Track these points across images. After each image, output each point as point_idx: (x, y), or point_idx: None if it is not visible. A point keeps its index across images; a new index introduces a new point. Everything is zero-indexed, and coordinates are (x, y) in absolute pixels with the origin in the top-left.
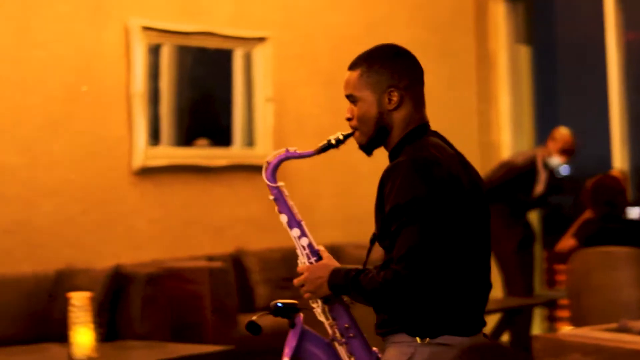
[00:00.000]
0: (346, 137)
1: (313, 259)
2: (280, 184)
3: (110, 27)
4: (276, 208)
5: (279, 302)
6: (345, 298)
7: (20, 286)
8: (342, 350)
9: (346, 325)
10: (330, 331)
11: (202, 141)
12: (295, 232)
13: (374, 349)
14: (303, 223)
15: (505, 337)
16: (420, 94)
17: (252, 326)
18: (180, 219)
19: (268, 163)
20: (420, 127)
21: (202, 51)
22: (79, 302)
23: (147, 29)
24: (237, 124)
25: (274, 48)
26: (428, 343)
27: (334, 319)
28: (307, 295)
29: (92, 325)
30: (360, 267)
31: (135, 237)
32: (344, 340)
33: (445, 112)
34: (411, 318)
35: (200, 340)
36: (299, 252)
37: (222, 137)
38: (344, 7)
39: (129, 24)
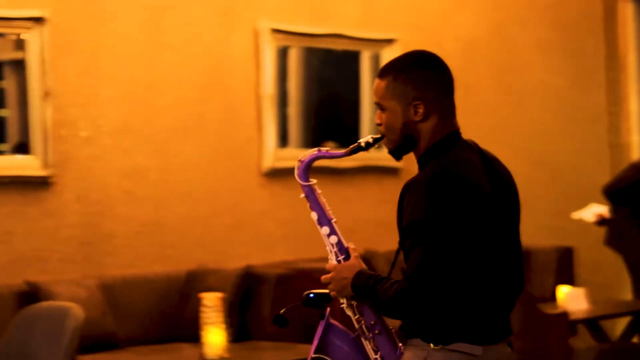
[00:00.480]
0: (375, 141)
1: (341, 257)
2: (312, 181)
3: (240, 30)
4: (307, 205)
5: (311, 293)
6: None
7: (152, 286)
8: (367, 345)
9: (372, 322)
10: (356, 326)
11: (330, 143)
12: (325, 230)
13: (400, 345)
14: (334, 221)
15: (635, 340)
16: (448, 105)
17: (279, 319)
18: (310, 220)
19: (300, 161)
20: (448, 137)
21: (329, 53)
22: (211, 302)
23: (276, 31)
24: (364, 125)
25: (401, 49)
26: (441, 349)
27: (360, 314)
28: (332, 293)
29: (223, 326)
30: (382, 275)
31: (264, 238)
32: (370, 335)
33: (573, 114)
34: (424, 325)
35: None
36: (328, 249)
37: (349, 138)
38: (471, 8)
39: (258, 26)
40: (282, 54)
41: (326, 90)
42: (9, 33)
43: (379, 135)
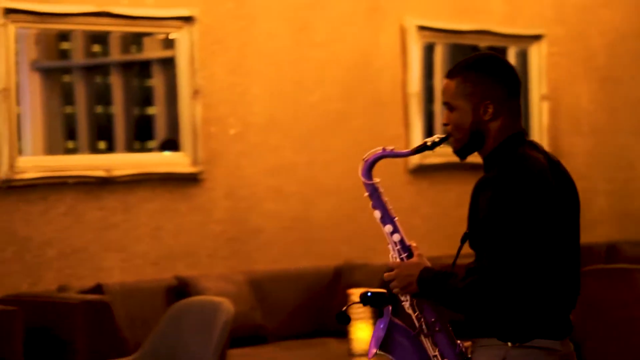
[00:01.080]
0: (441, 140)
1: (404, 255)
2: (376, 180)
3: (386, 27)
4: (370, 204)
5: (369, 292)
6: None
7: (300, 281)
8: (427, 343)
9: (432, 320)
10: (417, 324)
11: None
12: (388, 228)
13: (458, 342)
14: (396, 219)
15: None
16: (516, 106)
17: (341, 317)
18: (454, 217)
19: (365, 161)
20: (515, 136)
21: (475, 50)
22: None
23: (422, 28)
24: None
25: (548, 45)
26: (519, 346)
27: (421, 312)
28: (396, 290)
29: (371, 321)
30: (449, 270)
31: (410, 233)
32: (429, 332)
33: None
34: (500, 323)
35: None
36: (390, 247)
37: None
38: (618, 3)
39: (404, 23)
40: (428, 51)
41: None
42: (158, 32)
43: (444, 135)
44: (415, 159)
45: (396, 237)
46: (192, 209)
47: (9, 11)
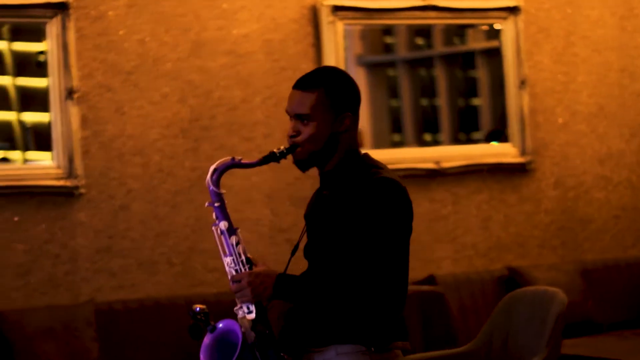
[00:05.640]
0: (288, 151)
1: (247, 266)
2: (222, 191)
3: None
4: (214, 214)
5: (196, 307)
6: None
7: (630, 271)
8: (258, 356)
9: (267, 332)
10: (251, 336)
11: None
12: (234, 239)
13: (283, 354)
14: (239, 231)
15: None
16: (358, 121)
17: (194, 329)
18: None
19: (214, 170)
20: (356, 151)
21: None
22: None
23: None
24: None
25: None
26: (381, 351)
27: (256, 324)
28: (245, 299)
29: None
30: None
31: None
32: (262, 346)
33: None
34: (363, 328)
35: None
36: (229, 260)
37: None
38: None
39: None
40: None
41: None
42: (482, 24)
43: (289, 145)
44: None
45: (240, 248)
46: (521, 200)
47: (337, 8)
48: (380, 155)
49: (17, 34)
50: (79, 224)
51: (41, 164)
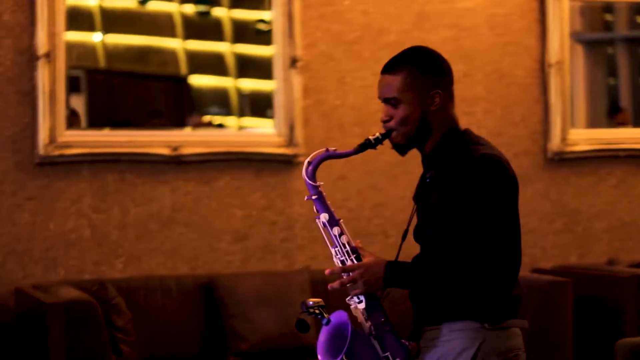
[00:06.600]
0: (384, 136)
1: (353, 257)
2: (320, 183)
3: None
4: (314, 207)
5: (310, 301)
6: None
7: None
8: (376, 344)
9: (382, 320)
10: (367, 325)
11: None
12: (336, 230)
13: (404, 341)
14: (341, 221)
15: None
16: (453, 96)
17: (301, 324)
18: None
19: (309, 163)
20: (456, 129)
21: None
22: None
23: None
24: None
25: None
26: (495, 328)
27: (370, 313)
28: (357, 291)
29: None
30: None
31: None
32: (379, 334)
33: None
34: (476, 305)
35: None
36: (335, 250)
37: None
38: None
39: None
40: None
41: None
42: None
43: (385, 131)
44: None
45: (344, 239)
46: None
47: None
48: (601, 134)
49: (237, 2)
50: (296, 192)
51: (261, 132)
